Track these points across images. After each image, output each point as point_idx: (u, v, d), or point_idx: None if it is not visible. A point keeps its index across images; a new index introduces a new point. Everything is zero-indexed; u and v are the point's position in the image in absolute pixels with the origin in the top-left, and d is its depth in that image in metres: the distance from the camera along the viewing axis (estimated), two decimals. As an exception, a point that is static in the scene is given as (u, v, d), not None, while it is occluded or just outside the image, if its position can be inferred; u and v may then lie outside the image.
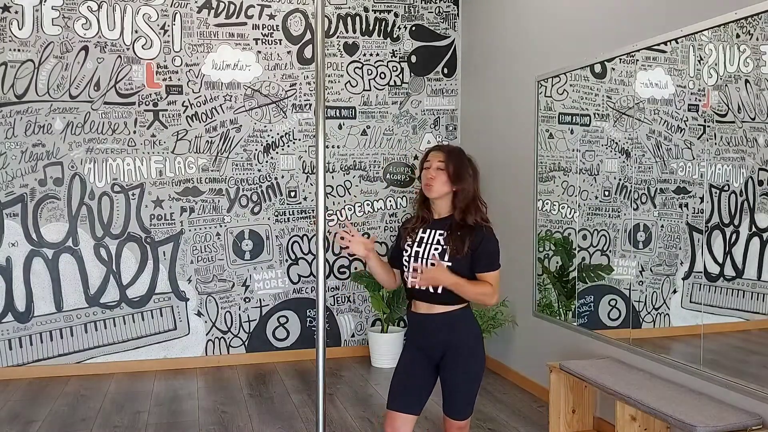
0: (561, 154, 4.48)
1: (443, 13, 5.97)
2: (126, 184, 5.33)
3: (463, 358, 2.63)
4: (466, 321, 2.68)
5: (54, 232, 5.20)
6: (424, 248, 2.64)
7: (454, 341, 2.64)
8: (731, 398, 3.05)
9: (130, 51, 5.31)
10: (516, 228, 4.97)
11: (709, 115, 3.30)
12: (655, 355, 3.57)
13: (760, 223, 3.04)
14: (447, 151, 2.71)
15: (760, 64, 3.04)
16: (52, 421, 4.25)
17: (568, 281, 4.41)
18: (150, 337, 5.40)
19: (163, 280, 5.41)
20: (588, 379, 3.56)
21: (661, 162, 3.60)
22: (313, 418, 4.23)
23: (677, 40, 3.43)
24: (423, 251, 2.63)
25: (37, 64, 5.15)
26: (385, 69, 5.85)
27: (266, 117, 5.59)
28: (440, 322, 2.65)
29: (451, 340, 2.64)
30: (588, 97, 4.20)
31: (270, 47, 5.58)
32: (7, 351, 5.14)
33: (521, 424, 4.14)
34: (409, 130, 5.93)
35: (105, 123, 5.28)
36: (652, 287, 3.67)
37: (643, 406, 3.12)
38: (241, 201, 5.55)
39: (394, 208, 5.89)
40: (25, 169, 5.15)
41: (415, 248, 2.66)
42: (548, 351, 4.49)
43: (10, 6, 5.09)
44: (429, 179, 2.65)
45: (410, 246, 2.69)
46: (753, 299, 3.08)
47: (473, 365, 2.65)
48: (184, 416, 4.34)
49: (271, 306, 5.64)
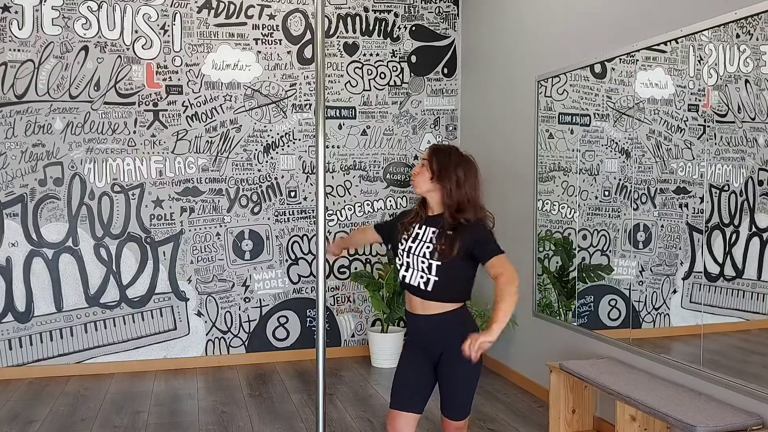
0: (561, 154, 4.48)
1: (443, 13, 5.97)
2: (126, 184, 5.33)
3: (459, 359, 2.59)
4: (463, 321, 2.67)
5: (54, 232, 5.20)
6: (417, 244, 2.65)
7: (451, 342, 2.62)
8: (731, 398, 3.05)
9: (130, 51, 5.31)
10: (516, 228, 4.97)
11: (709, 115, 3.30)
12: (655, 355, 3.57)
13: (760, 223, 3.04)
14: (434, 149, 2.73)
15: (760, 64, 3.04)
16: (52, 421, 4.25)
17: (568, 281, 4.41)
18: (150, 337, 5.40)
19: (163, 280, 5.41)
20: (588, 379, 3.56)
21: (661, 162, 3.60)
22: (313, 418, 4.23)
23: (677, 40, 3.43)
24: (416, 247, 2.64)
25: (37, 64, 5.15)
26: (385, 69, 5.85)
27: (266, 117, 5.60)
28: (436, 323, 2.65)
29: (447, 341, 2.63)
30: (588, 97, 4.20)
31: (270, 47, 5.58)
32: (7, 351, 5.14)
33: (521, 424, 4.14)
34: (409, 130, 5.93)
35: (105, 123, 5.28)
36: (652, 287, 3.67)
37: (643, 406, 3.12)
38: (241, 201, 5.55)
39: (394, 208, 5.89)
40: (25, 169, 5.15)
41: (410, 243, 2.68)
42: (548, 351, 4.49)
43: (10, 6, 5.09)
44: (413, 175, 2.73)
45: (405, 240, 2.70)
46: (753, 299, 3.08)
47: (470, 366, 2.62)
48: (184, 416, 4.34)
49: (271, 306, 5.64)
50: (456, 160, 2.67)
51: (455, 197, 2.62)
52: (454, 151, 2.72)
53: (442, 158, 2.68)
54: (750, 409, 2.94)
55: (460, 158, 2.69)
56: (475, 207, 2.63)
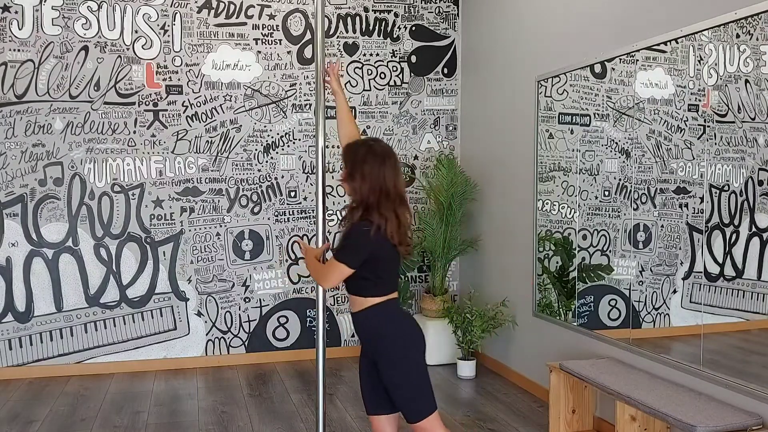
0: (561, 154, 4.48)
1: (443, 13, 5.97)
2: (126, 184, 5.33)
3: (384, 361, 2.56)
4: (379, 319, 2.58)
5: (54, 232, 5.20)
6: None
7: (371, 342, 2.60)
8: (731, 398, 3.05)
9: (130, 51, 5.31)
10: (516, 228, 4.97)
11: (709, 115, 3.30)
12: (655, 355, 3.57)
13: (760, 223, 3.04)
14: (343, 148, 2.72)
15: (760, 64, 3.04)
16: (52, 421, 4.25)
17: (568, 281, 4.41)
18: (150, 337, 5.40)
19: (163, 280, 5.41)
20: (588, 379, 3.56)
21: (661, 162, 3.60)
22: (313, 418, 4.23)
23: (677, 40, 3.43)
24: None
25: (37, 64, 5.15)
26: (385, 69, 5.85)
27: (266, 117, 5.60)
28: (358, 321, 2.64)
29: (369, 341, 2.62)
30: (588, 97, 4.20)
31: (270, 47, 5.58)
32: (7, 351, 5.14)
33: (521, 424, 4.14)
34: (409, 130, 5.93)
35: (105, 123, 5.28)
36: (652, 287, 3.67)
37: (643, 406, 3.12)
38: (241, 201, 5.55)
39: (394, 208, 5.88)
40: (25, 169, 5.15)
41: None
42: (548, 351, 4.49)
43: (10, 6, 5.09)
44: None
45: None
46: (753, 299, 3.08)
47: (393, 368, 2.55)
48: (184, 416, 4.34)
49: (271, 306, 5.64)
50: (361, 157, 2.56)
51: (359, 198, 2.56)
52: (361, 147, 2.60)
53: (347, 157, 2.62)
54: (750, 409, 2.94)
55: (365, 154, 2.57)
56: (378, 207, 2.51)
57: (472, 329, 4.97)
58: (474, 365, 5.15)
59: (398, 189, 2.57)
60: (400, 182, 2.59)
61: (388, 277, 2.61)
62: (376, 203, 2.52)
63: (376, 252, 2.53)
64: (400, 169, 2.64)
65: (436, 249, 5.47)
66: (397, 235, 2.54)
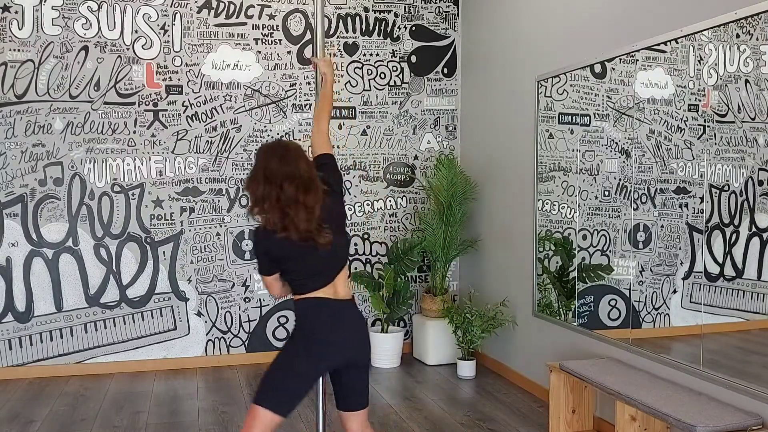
0: (561, 154, 4.48)
1: (443, 13, 5.97)
2: (126, 184, 5.33)
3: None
4: (295, 316, 2.59)
5: (54, 232, 5.20)
6: None
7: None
8: (731, 398, 3.05)
9: (130, 51, 5.31)
10: (516, 228, 4.97)
11: (709, 115, 3.30)
12: (655, 355, 3.57)
13: (760, 223, 3.04)
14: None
15: (760, 64, 3.04)
16: (52, 421, 4.25)
17: (568, 281, 4.41)
18: (150, 337, 5.40)
19: (163, 280, 5.41)
20: (588, 379, 3.56)
21: (661, 162, 3.60)
22: (313, 418, 4.23)
23: (677, 40, 3.43)
24: None
25: (37, 64, 5.15)
26: (385, 69, 5.85)
27: (266, 117, 5.60)
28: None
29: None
30: (588, 97, 4.20)
31: (270, 47, 5.58)
32: (7, 351, 5.14)
33: (521, 424, 4.14)
34: (409, 130, 5.93)
35: (105, 123, 5.28)
36: (652, 287, 3.67)
37: (643, 406, 3.12)
38: (241, 201, 5.55)
39: (394, 208, 5.89)
40: (25, 169, 5.15)
41: None
42: (548, 351, 4.49)
43: (10, 6, 5.09)
44: None
45: None
46: (753, 299, 3.08)
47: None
48: (184, 416, 4.34)
49: (271, 306, 5.64)
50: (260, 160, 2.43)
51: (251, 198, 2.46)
52: (261, 149, 2.46)
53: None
54: (750, 409, 2.94)
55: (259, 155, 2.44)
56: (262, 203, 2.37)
57: (472, 329, 4.97)
58: (474, 365, 5.15)
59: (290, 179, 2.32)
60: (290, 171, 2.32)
61: (299, 277, 2.47)
62: (261, 199, 2.35)
63: (272, 251, 2.42)
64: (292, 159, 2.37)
65: (436, 249, 5.48)
66: (294, 232, 2.33)
